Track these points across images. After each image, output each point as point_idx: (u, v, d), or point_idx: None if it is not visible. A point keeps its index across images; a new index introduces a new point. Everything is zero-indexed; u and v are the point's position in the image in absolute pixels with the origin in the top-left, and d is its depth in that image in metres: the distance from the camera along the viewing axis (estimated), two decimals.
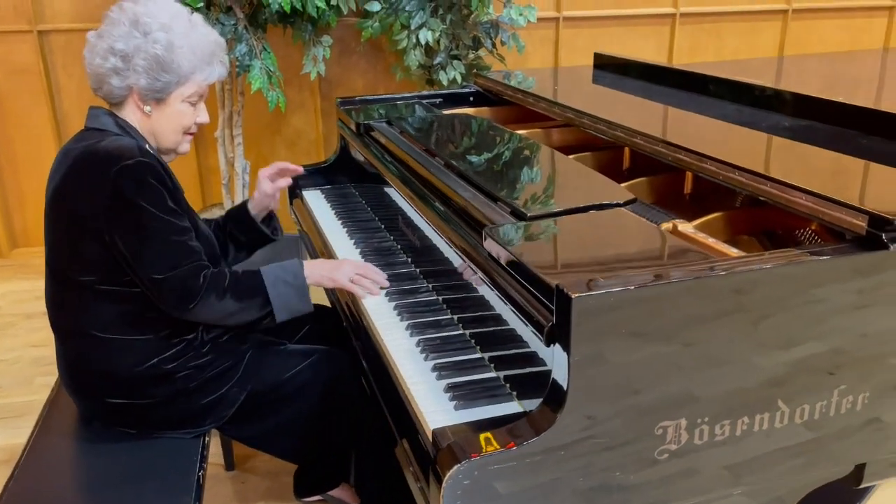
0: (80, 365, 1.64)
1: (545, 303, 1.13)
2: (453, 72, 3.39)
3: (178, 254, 1.53)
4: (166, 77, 1.59)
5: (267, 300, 1.59)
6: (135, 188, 1.49)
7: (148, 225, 1.50)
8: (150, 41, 1.56)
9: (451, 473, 1.07)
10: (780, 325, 1.16)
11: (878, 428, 1.30)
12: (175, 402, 1.62)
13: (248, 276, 1.60)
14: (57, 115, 3.86)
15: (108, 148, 1.52)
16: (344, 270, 1.71)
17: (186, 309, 1.53)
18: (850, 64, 2.91)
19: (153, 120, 1.63)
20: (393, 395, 1.46)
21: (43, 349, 3.07)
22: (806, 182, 1.33)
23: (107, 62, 1.57)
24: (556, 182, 1.64)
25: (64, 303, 1.65)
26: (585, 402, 1.09)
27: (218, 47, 1.68)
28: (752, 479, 1.25)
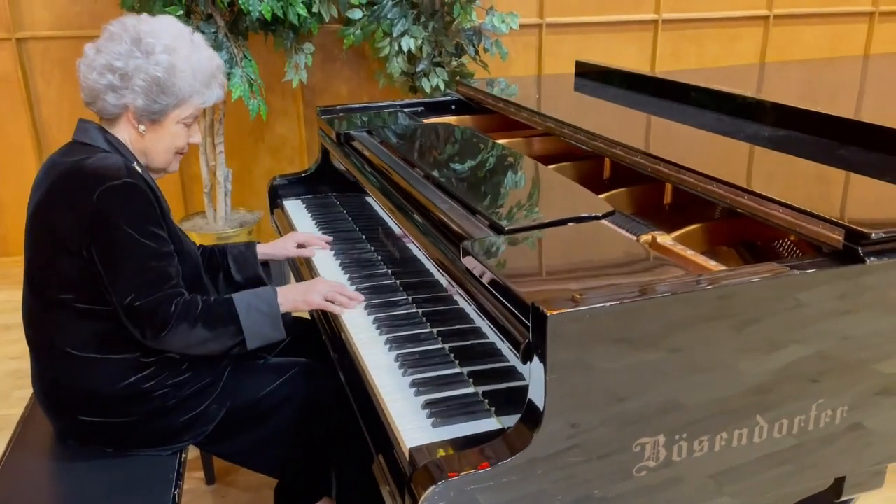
0: (54, 382, 1.61)
1: (522, 320, 1.12)
2: (436, 79, 3.39)
3: (154, 279, 1.49)
4: (165, 100, 1.56)
5: (239, 329, 1.55)
6: (117, 209, 1.46)
7: (126, 248, 1.47)
8: (152, 63, 1.53)
9: (427, 494, 1.05)
10: (758, 338, 1.16)
11: (856, 439, 1.29)
12: (153, 421, 1.59)
13: (220, 304, 1.57)
14: (36, 123, 3.82)
15: (95, 166, 1.49)
16: (317, 291, 1.68)
17: (157, 337, 1.50)
18: (830, 71, 2.93)
19: (146, 139, 1.60)
20: (370, 410, 1.44)
21: (21, 361, 3.02)
22: (784, 194, 1.32)
23: (103, 78, 1.53)
24: (535, 194, 1.63)
25: (41, 319, 1.62)
26: (562, 420, 1.08)
27: (218, 70, 1.66)
28: (731, 494, 1.25)
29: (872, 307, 1.21)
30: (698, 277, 1.14)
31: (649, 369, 1.11)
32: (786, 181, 1.52)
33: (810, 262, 1.19)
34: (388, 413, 1.32)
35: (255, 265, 1.90)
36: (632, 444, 1.13)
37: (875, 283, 1.19)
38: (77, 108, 3.81)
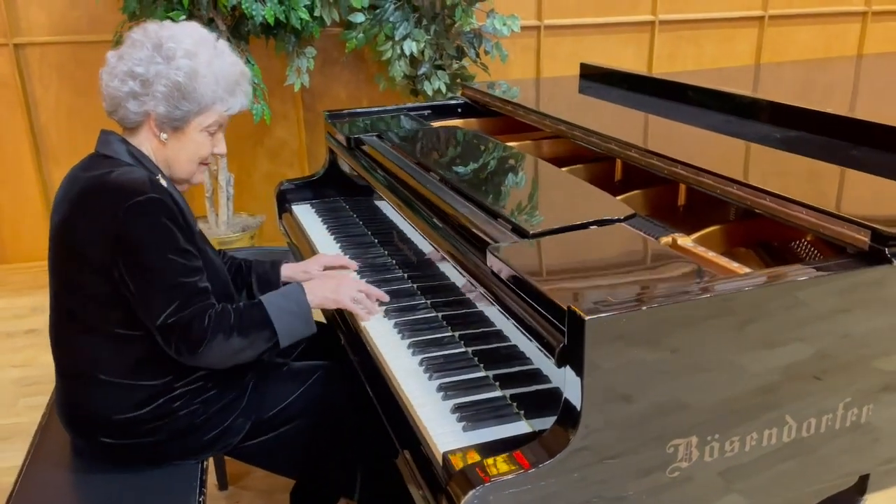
0: (80, 407, 1.59)
1: (555, 323, 1.13)
2: (438, 82, 3.39)
3: (185, 296, 1.47)
4: (186, 106, 1.53)
5: (273, 332, 1.55)
6: (143, 227, 1.44)
7: (154, 267, 1.45)
8: (173, 67, 1.50)
9: (467, 499, 1.06)
10: (789, 339, 1.17)
11: (881, 438, 1.31)
12: (180, 439, 1.58)
13: (251, 309, 1.55)
14: (34, 128, 3.79)
15: (119, 182, 1.46)
16: (346, 289, 1.68)
17: (195, 353, 1.48)
18: (835, 71, 2.96)
19: (168, 148, 1.58)
20: (395, 411, 1.45)
21: (25, 369, 3.01)
22: (805, 195, 1.34)
23: (125, 85, 1.51)
24: (554, 197, 1.64)
25: (68, 340, 1.59)
26: (599, 421, 1.09)
27: (243, 77, 1.62)
28: (760, 492, 1.26)
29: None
30: (732, 278, 1.16)
31: (685, 371, 1.12)
32: (804, 182, 1.54)
33: (839, 262, 1.20)
34: (418, 417, 1.33)
35: (277, 286, 1.84)
36: (665, 445, 1.15)
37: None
38: (75, 114, 3.81)
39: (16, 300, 3.65)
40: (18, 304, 3.61)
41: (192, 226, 1.55)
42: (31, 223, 3.96)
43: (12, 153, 3.82)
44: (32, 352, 3.13)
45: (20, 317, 3.48)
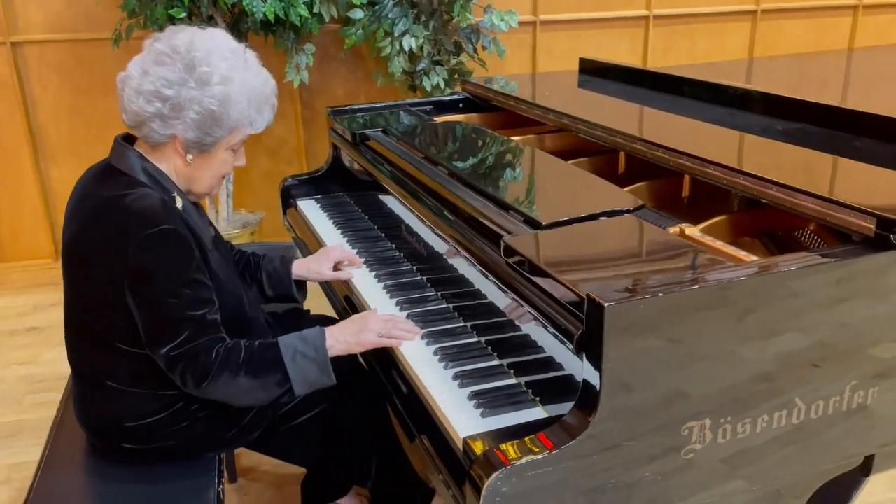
0: (98, 414, 1.60)
1: (573, 311, 1.16)
2: (436, 77, 3.42)
3: (192, 329, 1.44)
4: (217, 132, 1.48)
5: (286, 376, 1.48)
6: (154, 260, 1.41)
7: (163, 299, 1.42)
8: (207, 95, 1.43)
9: (490, 482, 1.09)
10: (801, 323, 1.21)
11: (888, 419, 1.35)
12: (199, 439, 1.60)
13: (264, 349, 1.49)
14: (32, 128, 3.79)
15: (133, 209, 1.42)
16: (371, 329, 1.56)
17: (199, 387, 1.46)
18: (833, 64, 3.00)
19: (193, 168, 1.54)
20: (412, 400, 1.48)
21: (30, 367, 3.02)
22: (809, 185, 1.38)
23: (151, 106, 1.44)
24: (563, 189, 1.68)
25: (82, 349, 1.59)
26: (617, 405, 1.13)
27: (272, 94, 1.58)
28: (769, 473, 1.30)
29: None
30: (743, 266, 1.20)
31: (700, 355, 1.16)
32: (807, 172, 1.57)
33: (846, 249, 1.24)
34: (437, 405, 1.36)
35: (288, 285, 1.88)
36: (680, 427, 1.18)
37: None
38: (74, 113, 3.81)
39: (17, 298, 3.65)
40: (20, 302, 3.62)
41: (206, 252, 1.51)
42: (30, 222, 3.96)
43: (11, 152, 3.82)
44: (36, 349, 3.14)
45: (22, 315, 3.49)
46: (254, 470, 2.35)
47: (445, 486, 1.28)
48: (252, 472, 2.35)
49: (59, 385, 2.77)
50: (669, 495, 1.22)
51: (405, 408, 1.50)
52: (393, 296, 1.79)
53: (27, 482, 1.62)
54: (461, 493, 1.21)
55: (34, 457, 2.34)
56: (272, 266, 1.90)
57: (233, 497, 2.25)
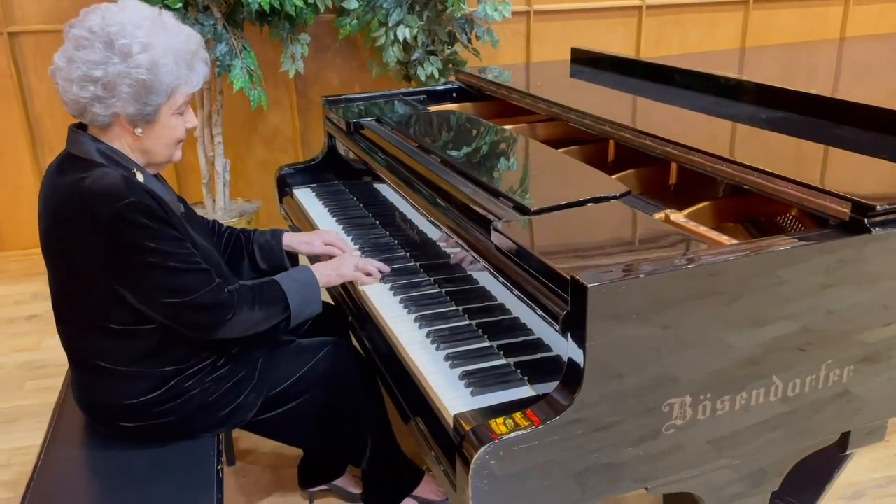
0: (94, 395, 1.64)
1: (558, 293, 1.21)
2: (430, 67, 3.45)
3: (194, 279, 1.52)
4: (155, 99, 1.49)
5: (287, 306, 1.64)
6: (129, 232, 1.44)
7: (155, 264, 1.47)
8: (133, 66, 1.43)
9: (479, 455, 1.14)
10: (779, 305, 1.26)
11: (860, 396, 1.40)
12: (193, 418, 1.64)
13: (268, 286, 1.65)
14: (29, 118, 3.82)
15: (93, 189, 1.44)
16: (347, 264, 1.81)
17: (222, 324, 1.55)
18: (819, 54, 3.04)
19: (144, 140, 1.54)
20: (405, 381, 1.53)
21: (29, 353, 3.06)
22: (791, 172, 1.42)
23: (85, 91, 1.44)
24: (552, 176, 1.72)
25: (72, 335, 1.63)
26: (600, 382, 1.17)
27: (199, 47, 1.58)
28: (749, 449, 1.35)
29: (879, 272, 1.32)
30: (723, 249, 1.24)
31: (680, 335, 1.20)
32: (789, 159, 1.62)
33: (822, 233, 1.29)
34: (429, 384, 1.40)
35: (280, 255, 1.94)
36: (661, 404, 1.23)
37: (880, 251, 1.30)
38: None
39: (15, 287, 3.69)
40: (18, 290, 3.65)
41: (173, 213, 1.54)
42: (27, 211, 3.98)
43: (8, 142, 3.84)
44: (36, 337, 3.18)
45: (21, 303, 3.52)
46: (252, 453, 2.40)
47: (437, 463, 1.32)
48: (250, 454, 2.40)
49: (58, 371, 2.80)
50: (650, 469, 1.27)
51: (399, 389, 1.55)
52: (387, 281, 1.83)
53: (28, 466, 1.66)
54: (452, 468, 1.25)
55: (35, 441, 2.38)
56: (263, 238, 1.96)
57: (231, 479, 2.29)
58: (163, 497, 1.52)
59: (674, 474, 1.31)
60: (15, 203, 3.97)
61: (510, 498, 1.19)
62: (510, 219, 1.45)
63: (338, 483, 2.11)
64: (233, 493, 2.24)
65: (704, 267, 1.19)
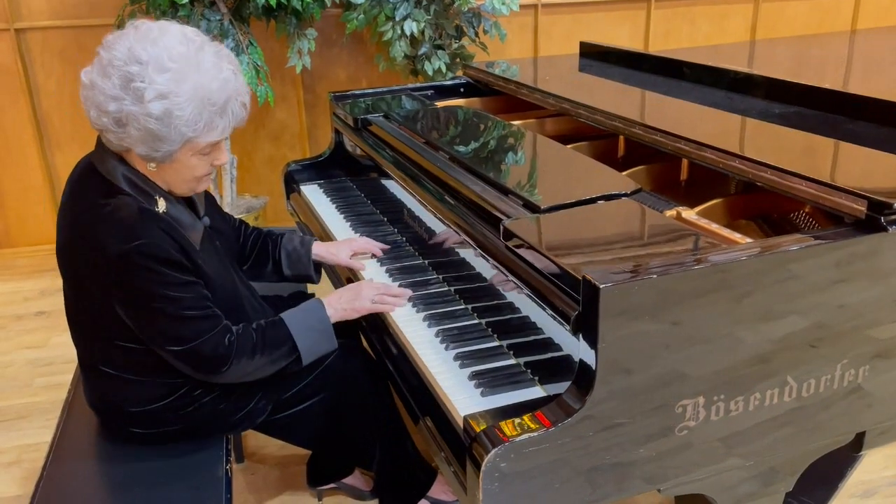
0: (105, 401, 1.64)
1: (570, 293, 1.19)
2: (438, 62, 3.43)
3: (197, 326, 1.47)
4: (165, 147, 1.39)
5: (294, 348, 1.58)
6: (139, 276, 1.41)
7: (158, 309, 1.43)
8: (143, 112, 1.34)
9: (489, 458, 1.13)
10: (794, 304, 1.24)
11: (875, 395, 1.39)
12: (205, 424, 1.64)
13: (273, 328, 1.57)
14: (37, 113, 3.81)
15: (109, 224, 1.40)
16: (364, 296, 1.68)
17: (218, 373, 1.52)
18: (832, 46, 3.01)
19: (160, 174, 1.48)
20: (414, 381, 1.52)
21: (38, 350, 3.06)
22: (804, 168, 1.40)
23: (99, 119, 1.39)
24: (561, 173, 1.70)
25: (84, 340, 1.62)
26: (612, 384, 1.16)
27: (235, 93, 1.44)
28: (762, 449, 1.34)
29: (893, 269, 1.30)
30: (738, 248, 1.22)
31: (694, 336, 1.19)
32: (803, 155, 1.60)
33: (838, 231, 1.27)
34: (438, 385, 1.39)
35: (307, 265, 1.91)
36: (675, 405, 1.21)
37: None
38: (77, 100, 3.79)
39: (24, 283, 3.70)
40: (27, 287, 3.66)
41: (190, 254, 1.48)
42: (35, 208, 3.99)
43: (16, 139, 3.84)
44: (44, 333, 3.18)
45: (30, 299, 3.53)
46: (260, 450, 2.40)
47: (447, 464, 1.31)
48: (258, 452, 2.39)
49: (67, 368, 2.82)
50: (663, 470, 1.26)
51: (408, 389, 1.54)
52: (395, 279, 1.82)
53: (38, 463, 1.66)
54: (462, 470, 1.24)
55: (44, 438, 2.40)
56: (292, 245, 1.92)
57: (240, 477, 2.29)
58: (172, 497, 1.52)
59: (686, 475, 1.30)
60: (23, 199, 3.97)
61: (521, 500, 1.17)
62: (520, 217, 1.44)
63: (347, 481, 2.10)
64: (241, 490, 2.23)
65: (719, 266, 1.17)
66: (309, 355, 1.61)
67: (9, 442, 2.51)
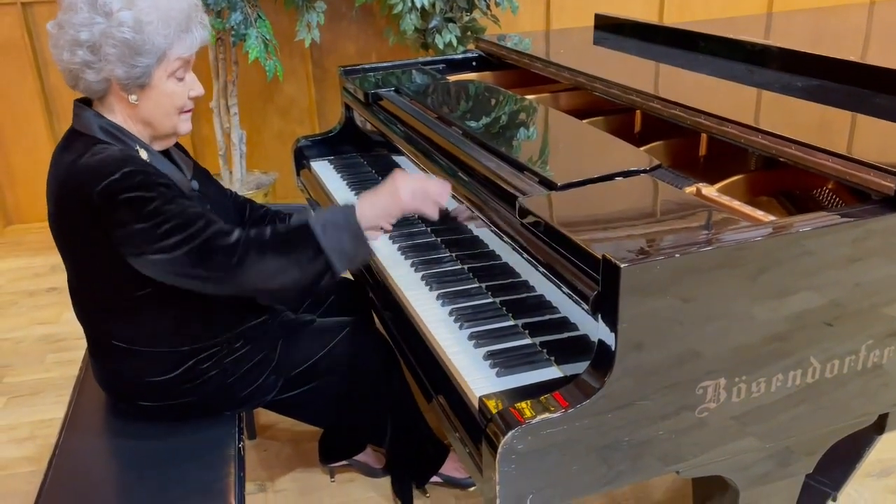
0: (113, 373, 1.63)
1: (589, 272, 1.16)
2: (449, 35, 3.37)
3: (200, 222, 1.40)
4: (143, 60, 1.41)
5: (319, 249, 1.42)
6: (124, 202, 1.37)
7: (149, 211, 1.37)
8: (115, 24, 1.38)
9: (506, 440, 1.11)
10: (818, 283, 1.21)
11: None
12: (213, 399, 1.62)
13: (291, 225, 1.46)
14: (45, 88, 3.79)
15: (89, 165, 1.39)
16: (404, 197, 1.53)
17: (227, 275, 1.40)
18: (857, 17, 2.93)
19: (142, 108, 1.47)
20: (427, 360, 1.50)
21: (50, 326, 3.07)
22: (829, 143, 1.36)
23: (75, 56, 1.40)
24: (578, 149, 1.67)
25: (87, 313, 1.61)
26: (632, 365, 1.13)
27: (194, 9, 1.48)
28: (784, 432, 1.31)
29: None
30: (762, 226, 1.19)
31: (716, 315, 1.16)
32: (827, 130, 1.55)
33: (865, 209, 1.23)
34: (453, 365, 1.37)
35: None
36: (695, 386, 1.19)
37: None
38: None
39: (34, 259, 3.70)
40: (37, 263, 3.66)
41: (183, 189, 1.48)
42: (44, 183, 3.97)
43: (24, 114, 3.82)
44: (56, 309, 3.19)
45: (40, 275, 3.53)
46: (272, 427, 2.40)
47: (461, 444, 1.30)
48: (270, 428, 2.39)
49: (79, 344, 2.81)
50: (682, 452, 1.24)
51: (421, 368, 1.52)
52: (407, 257, 1.80)
53: (51, 439, 1.66)
54: (477, 451, 1.23)
55: (57, 414, 2.41)
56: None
57: (252, 453, 2.29)
58: (184, 474, 1.52)
59: (705, 457, 1.28)
60: (33, 175, 3.96)
61: (538, 482, 1.16)
62: (536, 194, 1.41)
63: (359, 458, 2.10)
64: (254, 467, 2.24)
65: (741, 245, 1.14)
66: (340, 258, 1.44)
67: (22, 417, 2.52)
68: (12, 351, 2.93)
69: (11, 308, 3.27)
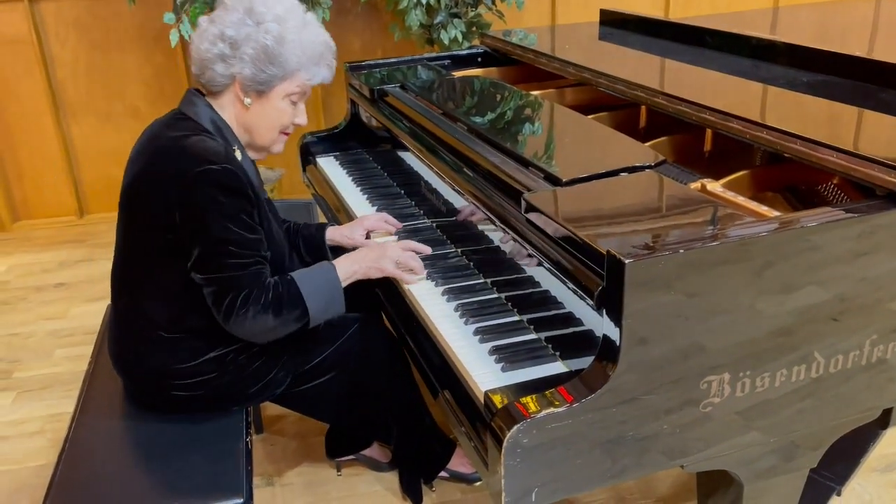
0: (135, 356, 1.66)
1: (593, 268, 1.17)
2: (454, 30, 3.37)
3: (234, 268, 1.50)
4: (272, 70, 1.57)
5: (305, 312, 1.56)
6: (210, 194, 1.47)
7: (213, 234, 1.48)
8: (262, 31, 1.55)
9: (511, 434, 1.11)
10: (822, 278, 1.21)
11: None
12: (224, 393, 1.65)
13: (285, 285, 1.56)
14: (52, 84, 3.80)
15: (196, 148, 1.50)
16: (389, 257, 1.68)
17: (230, 318, 1.52)
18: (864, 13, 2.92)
19: (251, 113, 1.62)
20: (432, 352, 1.52)
21: (58, 321, 3.09)
22: (834, 139, 1.36)
23: (214, 47, 1.55)
24: (583, 145, 1.67)
25: (123, 293, 1.66)
26: (636, 360, 1.14)
27: (328, 50, 1.66)
28: (788, 426, 1.32)
29: None
30: (767, 221, 1.19)
31: (720, 311, 1.16)
32: (832, 125, 1.55)
33: (871, 204, 1.23)
34: (458, 360, 1.38)
35: (324, 251, 1.92)
36: (699, 381, 1.20)
37: None
38: (92, 70, 3.81)
39: (42, 255, 3.72)
40: (45, 258, 3.68)
41: (260, 199, 1.59)
42: (52, 179, 4.00)
43: (31, 110, 3.84)
44: (64, 305, 3.21)
45: (48, 271, 3.55)
46: (279, 421, 2.41)
47: (467, 439, 1.31)
48: (277, 423, 2.41)
49: (87, 339, 2.84)
50: (686, 447, 1.25)
51: (427, 363, 1.53)
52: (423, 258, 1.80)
53: (61, 433, 1.68)
54: (482, 445, 1.24)
55: (66, 408, 2.43)
56: (308, 231, 1.95)
57: (259, 447, 2.31)
58: (193, 467, 1.53)
59: (710, 451, 1.28)
60: (40, 171, 3.98)
61: (543, 476, 1.17)
62: (541, 189, 1.41)
63: (366, 453, 2.12)
64: (261, 461, 2.25)
65: (747, 240, 1.14)
66: (318, 318, 1.60)
67: (33, 412, 2.54)
68: (21, 346, 2.95)
69: (20, 303, 3.29)
